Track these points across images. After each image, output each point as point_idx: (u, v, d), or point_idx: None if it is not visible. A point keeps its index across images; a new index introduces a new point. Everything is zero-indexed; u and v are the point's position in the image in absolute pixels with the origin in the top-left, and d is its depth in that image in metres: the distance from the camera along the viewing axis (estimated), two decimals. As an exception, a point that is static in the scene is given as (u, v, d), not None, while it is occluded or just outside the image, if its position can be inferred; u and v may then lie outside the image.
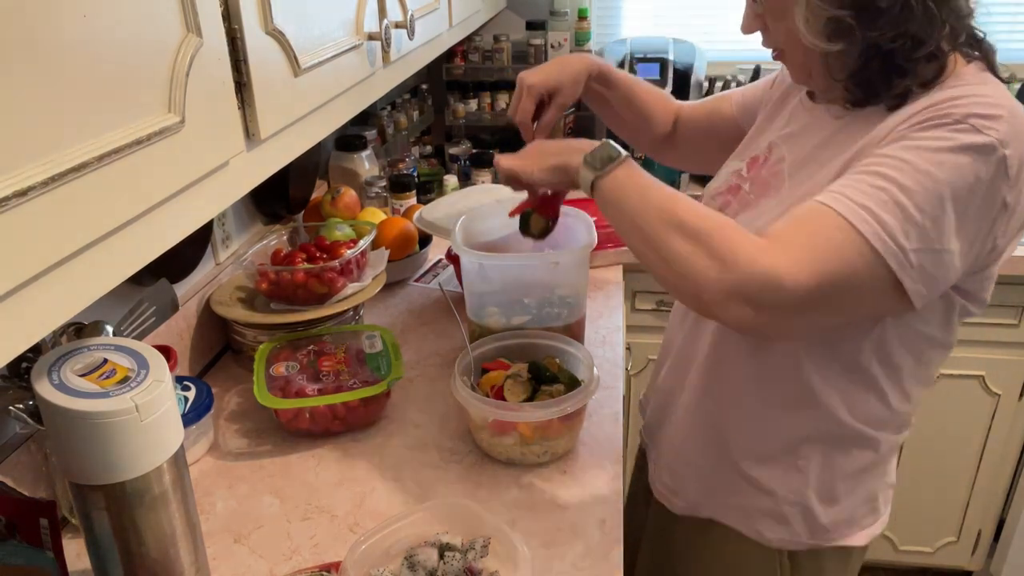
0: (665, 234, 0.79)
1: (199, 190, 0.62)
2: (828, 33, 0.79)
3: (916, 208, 0.73)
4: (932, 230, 0.73)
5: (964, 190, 0.73)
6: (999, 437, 1.86)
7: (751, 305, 0.75)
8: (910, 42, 0.77)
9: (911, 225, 0.73)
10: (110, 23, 0.49)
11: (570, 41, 2.22)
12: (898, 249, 0.73)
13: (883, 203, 0.73)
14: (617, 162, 0.85)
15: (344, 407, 1.13)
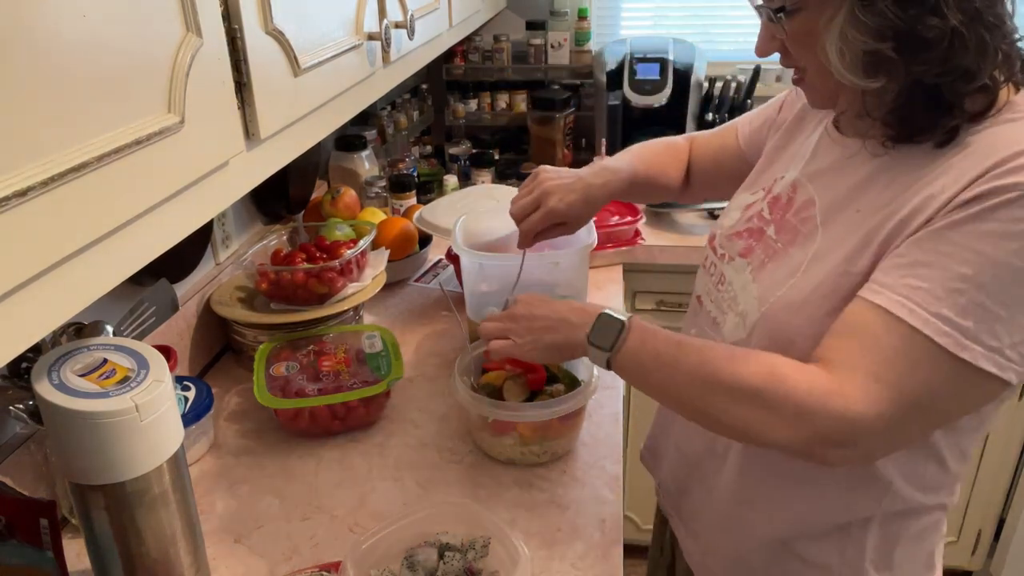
0: (711, 402, 0.75)
1: (199, 190, 0.62)
2: (866, 67, 0.70)
3: (1000, 305, 0.65)
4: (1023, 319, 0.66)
5: None
6: (999, 437, 1.86)
7: (842, 448, 0.70)
8: (960, 76, 0.68)
9: (998, 324, 0.66)
10: (110, 23, 0.49)
11: (570, 41, 2.22)
12: (989, 351, 0.66)
13: (961, 308, 0.66)
14: (623, 335, 0.79)
15: (344, 407, 1.13)
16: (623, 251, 1.72)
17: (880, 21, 0.67)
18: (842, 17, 0.69)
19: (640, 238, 1.75)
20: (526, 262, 1.27)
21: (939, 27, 0.66)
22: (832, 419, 0.68)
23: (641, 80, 2.00)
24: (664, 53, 2.02)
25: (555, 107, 2.10)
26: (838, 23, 0.70)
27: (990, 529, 1.99)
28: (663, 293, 1.82)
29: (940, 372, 0.67)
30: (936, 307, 0.66)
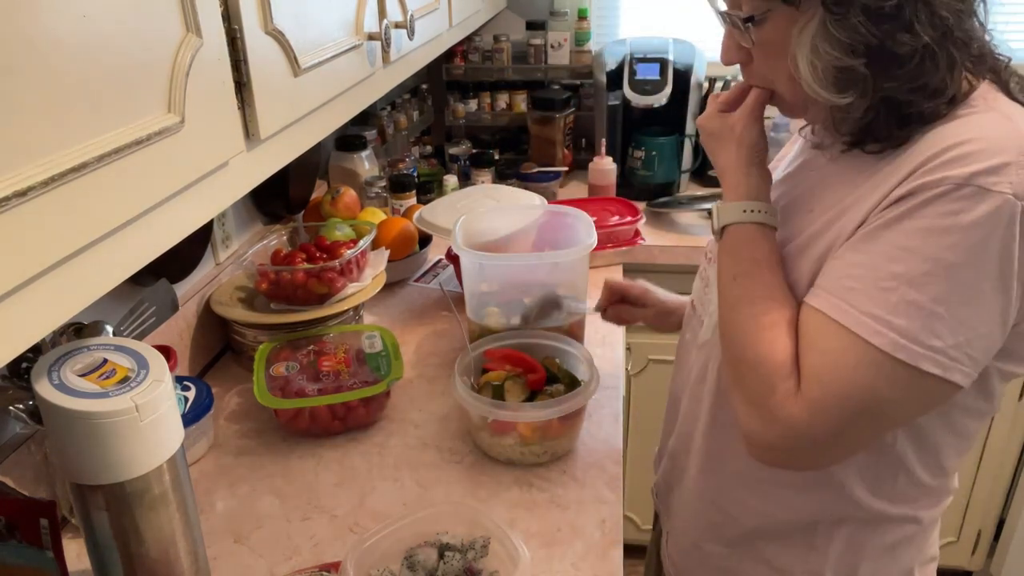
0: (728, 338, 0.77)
1: (199, 190, 0.62)
2: (837, 82, 0.69)
3: (937, 302, 0.64)
4: (969, 317, 0.65)
5: (991, 263, 0.64)
6: (999, 437, 1.86)
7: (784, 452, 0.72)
8: (929, 94, 0.68)
9: (938, 322, 0.64)
10: (110, 23, 0.49)
11: (570, 41, 2.22)
12: (928, 351, 0.65)
13: (893, 306, 0.65)
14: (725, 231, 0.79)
15: (344, 407, 1.13)
16: (623, 251, 1.72)
17: (852, 36, 0.66)
18: (813, 29, 0.68)
19: (640, 238, 1.75)
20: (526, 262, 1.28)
21: (911, 44, 0.66)
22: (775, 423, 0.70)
23: (641, 80, 2.00)
24: (664, 53, 2.02)
25: (555, 107, 2.10)
26: (809, 35, 0.69)
27: (990, 529, 1.99)
28: (663, 293, 1.82)
29: (881, 374, 0.66)
30: (868, 306, 0.66)
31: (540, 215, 1.37)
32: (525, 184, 1.97)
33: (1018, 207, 0.63)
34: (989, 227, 0.63)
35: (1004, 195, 0.62)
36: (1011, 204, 0.62)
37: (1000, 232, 0.63)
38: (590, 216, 1.30)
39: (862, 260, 0.68)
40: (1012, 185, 0.63)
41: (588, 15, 2.21)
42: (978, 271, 0.64)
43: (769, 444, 0.72)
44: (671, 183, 2.05)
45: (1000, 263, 0.64)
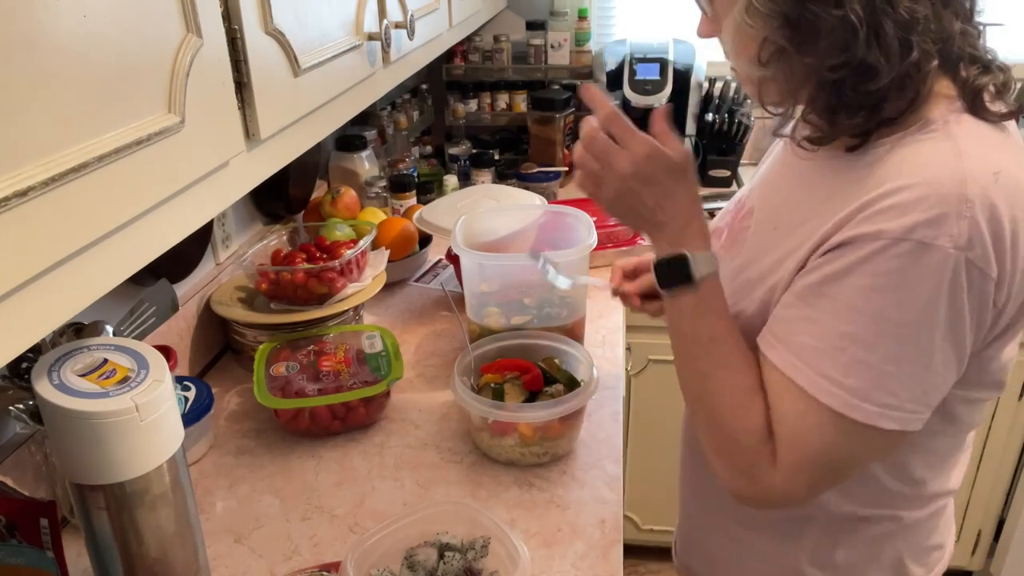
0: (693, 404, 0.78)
1: (199, 190, 0.62)
2: (761, 56, 0.68)
3: (886, 360, 0.65)
4: (920, 371, 0.65)
5: (940, 317, 0.63)
6: (999, 437, 1.86)
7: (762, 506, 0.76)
8: (860, 73, 0.65)
9: (891, 380, 0.65)
10: (110, 23, 0.49)
11: (570, 41, 2.22)
12: (884, 408, 0.66)
13: (843, 366, 0.66)
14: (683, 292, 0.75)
15: (344, 407, 1.13)
16: (623, 251, 1.72)
17: (772, 7, 0.65)
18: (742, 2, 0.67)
19: (640, 238, 1.75)
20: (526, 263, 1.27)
21: (831, 16, 0.63)
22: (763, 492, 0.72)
23: (641, 80, 2.00)
24: (664, 53, 2.02)
25: (555, 107, 2.10)
26: (741, 5, 0.67)
27: (990, 529, 1.99)
28: (663, 293, 1.82)
29: (839, 433, 0.67)
30: (822, 367, 0.67)
31: (540, 215, 1.37)
32: (525, 184, 1.97)
33: (961, 259, 0.61)
34: (934, 282, 0.62)
35: (944, 249, 0.61)
36: (953, 257, 0.61)
37: (946, 286, 0.62)
38: (590, 216, 1.30)
39: (814, 317, 0.68)
40: (952, 238, 0.61)
41: (588, 15, 2.21)
42: (927, 326, 0.64)
43: (751, 500, 0.75)
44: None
45: (949, 316, 0.63)
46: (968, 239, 0.61)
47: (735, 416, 0.72)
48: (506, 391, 1.09)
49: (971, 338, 0.66)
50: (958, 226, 0.61)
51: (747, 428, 0.71)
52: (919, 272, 0.62)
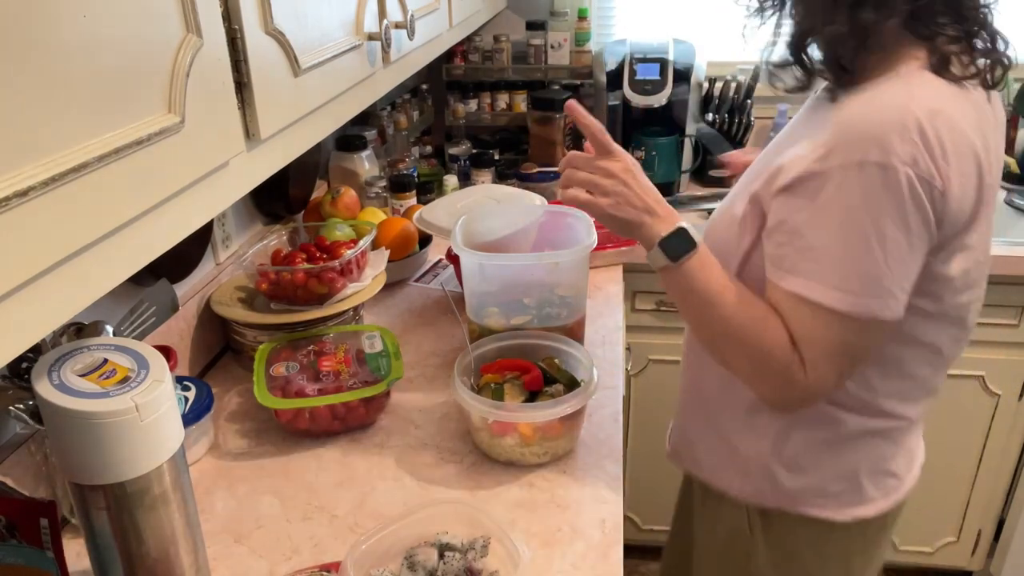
0: (725, 345, 0.90)
1: (199, 190, 0.62)
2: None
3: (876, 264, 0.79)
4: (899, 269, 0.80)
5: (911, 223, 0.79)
6: (999, 437, 1.86)
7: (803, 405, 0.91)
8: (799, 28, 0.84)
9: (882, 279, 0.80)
10: (110, 23, 0.49)
11: (570, 41, 2.22)
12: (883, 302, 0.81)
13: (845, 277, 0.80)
14: (689, 257, 0.88)
15: (344, 407, 1.13)
16: (623, 251, 1.72)
17: None
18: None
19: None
20: (526, 262, 1.28)
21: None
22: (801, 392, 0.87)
23: (641, 80, 2.00)
24: (664, 53, 2.02)
25: (555, 107, 2.10)
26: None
27: (990, 529, 1.99)
28: (663, 293, 1.82)
29: (850, 329, 0.83)
30: (829, 281, 0.81)
31: (540, 215, 1.37)
32: (525, 184, 1.97)
33: (911, 174, 0.76)
34: (895, 194, 0.77)
35: (896, 167, 0.76)
36: (904, 173, 0.76)
37: (906, 195, 0.77)
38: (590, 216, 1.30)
39: (808, 246, 0.82)
40: (899, 156, 0.76)
41: (588, 15, 2.21)
42: (901, 231, 0.79)
43: (792, 402, 0.90)
44: (671, 183, 2.05)
45: (916, 219, 0.79)
46: (912, 157, 0.76)
47: (764, 338, 0.86)
48: (506, 391, 1.09)
49: (927, 237, 0.81)
50: (903, 147, 0.76)
51: (777, 342, 0.85)
52: (882, 189, 0.77)
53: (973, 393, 1.82)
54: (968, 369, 1.79)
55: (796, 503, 1.00)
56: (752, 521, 1.04)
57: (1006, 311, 1.74)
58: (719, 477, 1.06)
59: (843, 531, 1.00)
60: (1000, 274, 1.66)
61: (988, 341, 1.77)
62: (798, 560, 1.03)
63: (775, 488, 1.00)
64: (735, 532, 1.06)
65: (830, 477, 0.98)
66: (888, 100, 0.79)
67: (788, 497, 1.00)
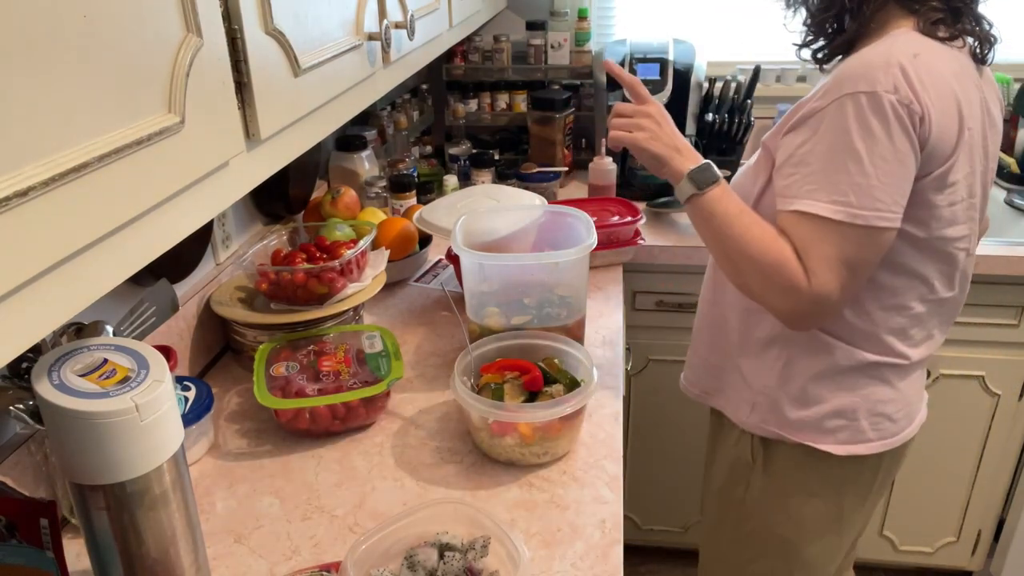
0: (740, 260, 1.00)
1: (199, 190, 0.62)
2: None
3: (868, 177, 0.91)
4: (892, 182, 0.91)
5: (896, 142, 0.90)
6: (999, 437, 1.86)
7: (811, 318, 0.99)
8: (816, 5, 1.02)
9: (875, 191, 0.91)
10: (110, 23, 0.49)
11: (570, 41, 2.22)
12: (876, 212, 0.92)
13: (844, 191, 0.92)
14: (714, 186, 1.02)
15: (344, 407, 1.13)
16: (623, 251, 1.72)
17: None
18: None
19: (640, 238, 1.75)
20: (526, 262, 1.28)
21: None
22: (808, 301, 0.95)
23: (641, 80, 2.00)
24: (664, 53, 2.02)
25: (555, 107, 2.10)
26: None
27: (990, 529, 1.99)
28: (663, 293, 1.82)
29: (848, 239, 0.93)
30: (830, 197, 0.93)
31: (540, 215, 1.37)
32: (525, 184, 1.97)
33: (894, 99, 0.90)
34: (882, 116, 0.90)
35: (881, 94, 0.90)
36: (888, 99, 0.90)
37: (891, 117, 0.90)
38: (590, 216, 1.30)
39: (809, 171, 0.94)
40: (882, 85, 0.90)
41: (588, 15, 2.21)
42: (889, 148, 0.90)
43: (802, 314, 0.98)
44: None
45: (900, 140, 0.91)
46: (893, 86, 0.90)
47: (773, 252, 0.96)
48: (506, 391, 1.09)
49: (912, 157, 0.92)
50: (886, 79, 0.90)
51: (786, 255, 0.96)
52: (870, 113, 0.90)
53: (973, 393, 1.82)
54: (968, 369, 1.79)
55: (797, 433, 1.10)
56: (755, 450, 1.15)
57: (1006, 311, 1.74)
58: (730, 406, 1.18)
59: (838, 465, 1.11)
60: (1000, 274, 1.66)
61: (988, 341, 1.77)
62: (792, 488, 1.14)
63: (779, 419, 1.11)
64: (737, 461, 1.18)
65: (830, 412, 1.08)
66: (874, 49, 0.94)
67: (790, 427, 1.10)
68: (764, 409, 1.12)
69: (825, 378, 1.07)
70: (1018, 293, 1.71)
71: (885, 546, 2.02)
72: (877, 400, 1.08)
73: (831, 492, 1.13)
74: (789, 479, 1.14)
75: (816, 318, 1.00)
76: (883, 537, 2.01)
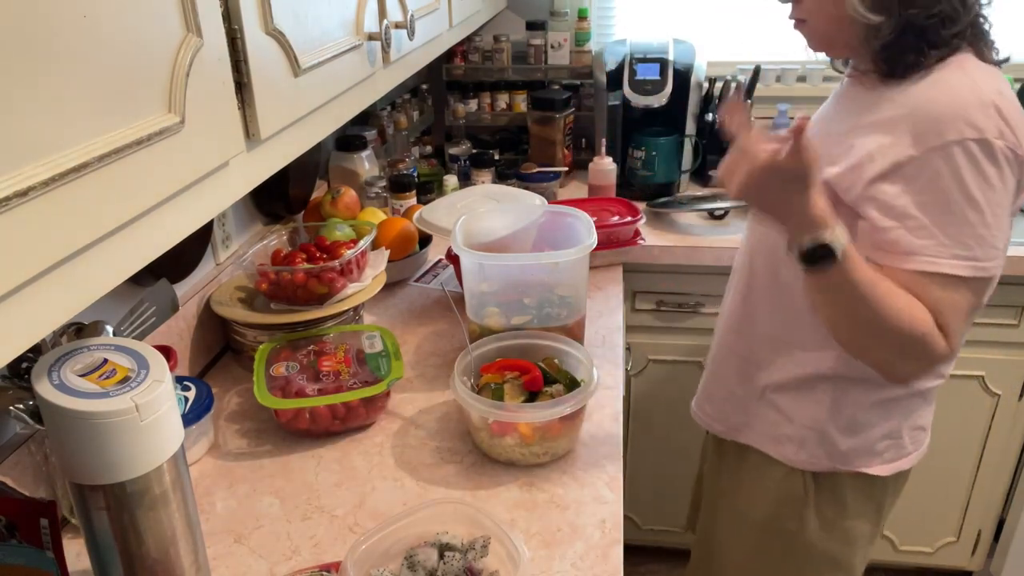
0: (871, 340, 0.94)
1: (199, 190, 0.62)
2: (872, 6, 0.90)
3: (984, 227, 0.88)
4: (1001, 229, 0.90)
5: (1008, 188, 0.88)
6: (999, 437, 1.86)
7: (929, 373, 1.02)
8: (943, 20, 0.89)
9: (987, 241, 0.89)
10: (110, 24, 0.49)
11: (570, 41, 2.22)
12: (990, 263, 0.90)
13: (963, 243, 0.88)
14: (831, 263, 0.87)
15: (344, 407, 1.13)
16: (623, 251, 1.72)
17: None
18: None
19: (640, 238, 1.75)
20: (526, 262, 1.28)
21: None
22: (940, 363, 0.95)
23: (641, 80, 2.00)
24: (664, 53, 2.02)
25: (555, 107, 2.10)
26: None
27: (990, 529, 1.99)
28: (663, 293, 1.82)
29: (972, 292, 0.91)
30: (950, 252, 0.89)
31: (540, 215, 1.37)
32: (525, 184, 1.97)
33: (1001, 144, 0.86)
34: (994, 163, 0.86)
35: (989, 140, 0.86)
36: (995, 145, 0.86)
37: (1003, 162, 0.87)
38: (590, 216, 1.30)
39: (920, 224, 0.89)
40: (988, 131, 0.86)
41: (588, 15, 2.21)
42: (1005, 196, 0.89)
43: (922, 373, 1.00)
44: (671, 183, 2.05)
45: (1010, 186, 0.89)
46: (999, 131, 0.86)
47: (915, 323, 0.90)
48: (506, 391, 1.09)
49: (1012, 200, 0.90)
50: (988, 123, 0.86)
51: (930, 326, 0.90)
52: (985, 162, 0.86)
53: (973, 393, 1.82)
54: (968, 369, 1.79)
55: (848, 462, 1.08)
56: (807, 485, 1.11)
57: (1006, 311, 1.74)
58: (769, 443, 1.13)
59: (882, 484, 1.11)
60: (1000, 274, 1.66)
61: (988, 341, 1.77)
62: (846, 517, 1.12)
63: (830, 451, 1.08)
64: (787, 498, 1.13)
65: (878, 436, 1.07)
66: (956, 83, 0.89)
67: (843, 458, 1.08)
68: (813, 444, 1.09)
69: (876, 407, 1.06)
70: (1018, 293, 1.71)
71: (885, 546, 2.02)
72: (917, 416, 1.09)
73: (874, 509, 1.14)
74: (842, 505, 1.12)
75: (930, 374, 1.02)
76: (883, 537, 2.01)
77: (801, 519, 1.12)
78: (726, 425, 1.20)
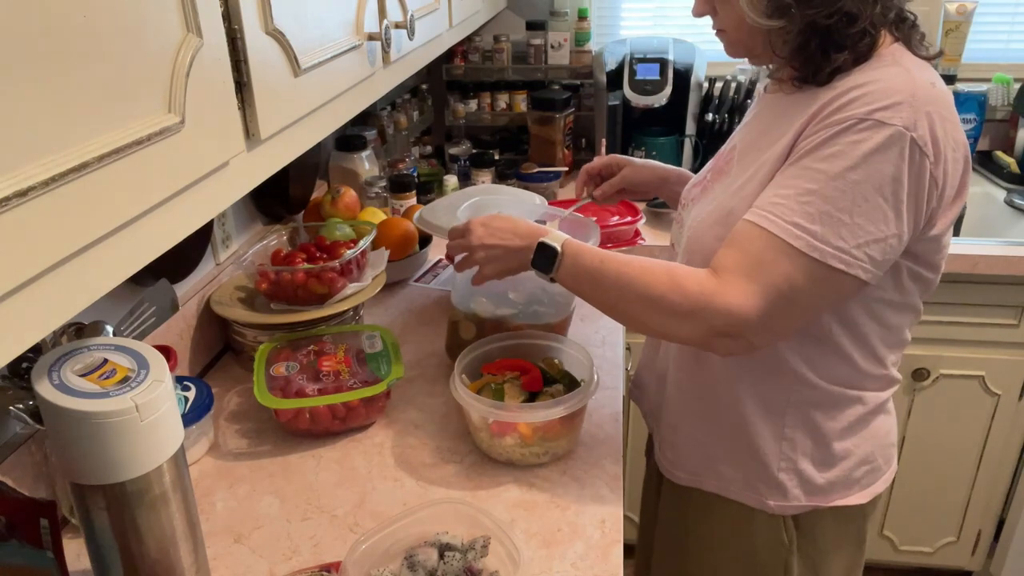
0: (628, 307, 0.91)
1: (199, 190, 0.62)
2: (769, 12, 0.87)
3: (842, 212, 0.81)
4: (866, 224, 0.82)
5: (885, 182, 0.81)
6: (999, 437, 1.86)
7: (728, 337, 0.86)
8: (844, 18, 0.84)
9: (843, 228, 0.81)
10: (110, 23, 0.49)
11: (570, 41, 2.22)
12: (836, 251, 0.82)
13: (809, 216, 0.82)
14: (559, 260, 0.95)
15: (344, 407, 1.13)
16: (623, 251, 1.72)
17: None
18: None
19: (640, 238, 1.75)
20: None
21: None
22: (718, 314, 0.85)
23: (641, 80, 2.00)
24: (664, 53, 2.02)
25: (555, 107, 2.11)
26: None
27: (990, 529, 1.99)
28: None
29: (798, 269, 0.83)
30: (791, 217, 0.83)
31: (540, 215, 1.37)
32: (525, 184, 1.97)
33: (908, 137, 0.80)
34: (884, 152, 0.80)
35: (896, 127, 0.80)
36: (902, 134, 0.80)
37: (893, 156, 0.80)
38: (590, 216, 1.30)
39: (787, 183, 0.85)
40: (903, 119, 0.80)
41: (588, 15, 2.21)
42: (875, 188, 0.81)
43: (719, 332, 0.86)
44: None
45: (893, 183, 0.81)
46: (914, 122, 0.80)
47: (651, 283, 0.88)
48: (506, 391, 1.09)
49: (911, 207, 0.83)
50: (908, 112, 0.80)
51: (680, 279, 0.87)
52: (874, 144, 0.80)
53: (973, 393, 1.82)
54: (968, 369, 1.79)
55: (830, 498, 1.02)
56: (789, 531, 1.03)
57: (1006, 311, 1.74)
58: (745, 491, 1.03)
59: (861, 511, 1.04)
60: (1000, 274, 1.66)
61: (988, 341, 1.77)
62: (829, 553, 1.06)
63: (810, 489, 1.00)
64: (772, 544, 1.04)
65: (854, 464, 1.01)
66: (889, 75, 0.84)
67: (822, 494, 1.01)
68: (792, 486, 1.00)
69: (850, 431, 0.99)
70: (1018, 293, 1.71)
71: (885, 546, 2.02)
72: (885, 433, 1.04)
73: (856, 536, 1.08)
74: (824, 543, 1.05)
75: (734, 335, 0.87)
76: (883, 537, 2.01)
77: (786, 568, 1.04)
78: (688, 472, 1.09)
